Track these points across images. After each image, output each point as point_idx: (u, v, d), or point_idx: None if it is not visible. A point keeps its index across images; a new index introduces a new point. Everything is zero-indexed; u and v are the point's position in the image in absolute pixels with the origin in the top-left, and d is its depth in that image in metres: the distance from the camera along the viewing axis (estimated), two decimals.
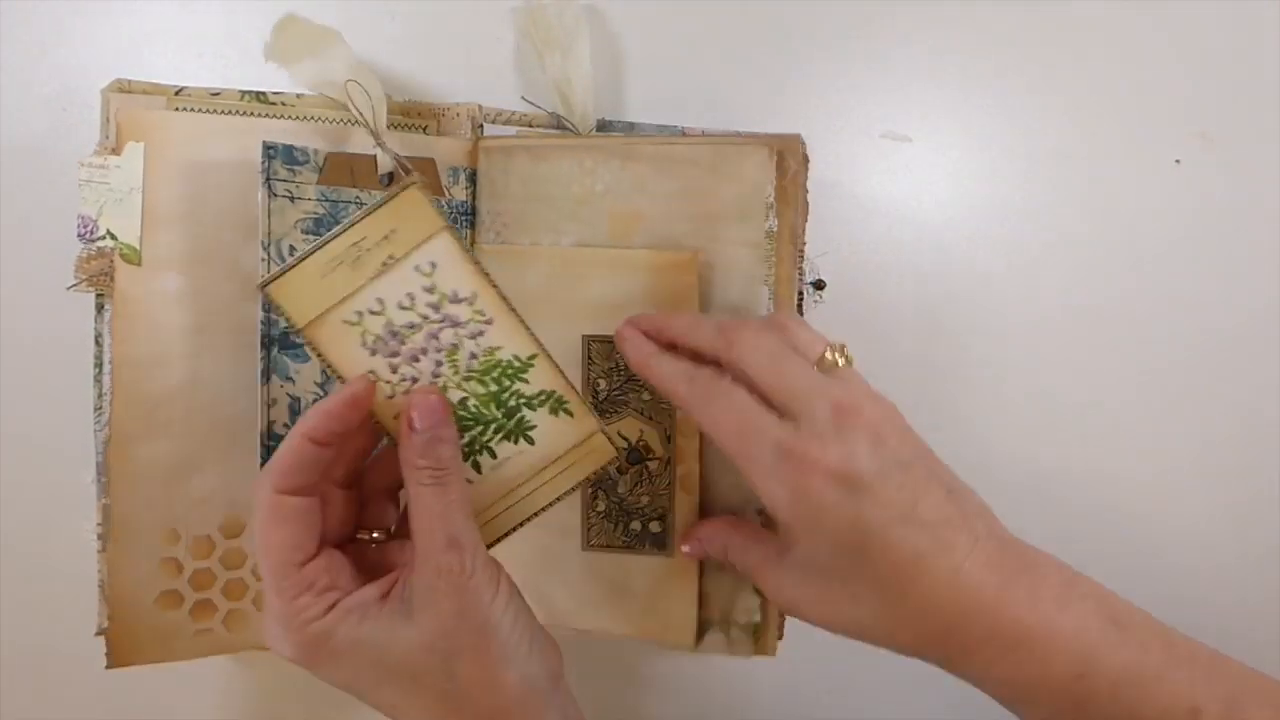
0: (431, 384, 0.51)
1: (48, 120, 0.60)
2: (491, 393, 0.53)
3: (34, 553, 0.62)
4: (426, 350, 0.51)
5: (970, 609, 0.44)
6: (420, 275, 0.50)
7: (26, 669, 0.63)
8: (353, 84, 0.57)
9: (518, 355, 0.53)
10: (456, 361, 0.52)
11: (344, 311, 0.49)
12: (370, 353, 0.50)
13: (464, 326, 0.52)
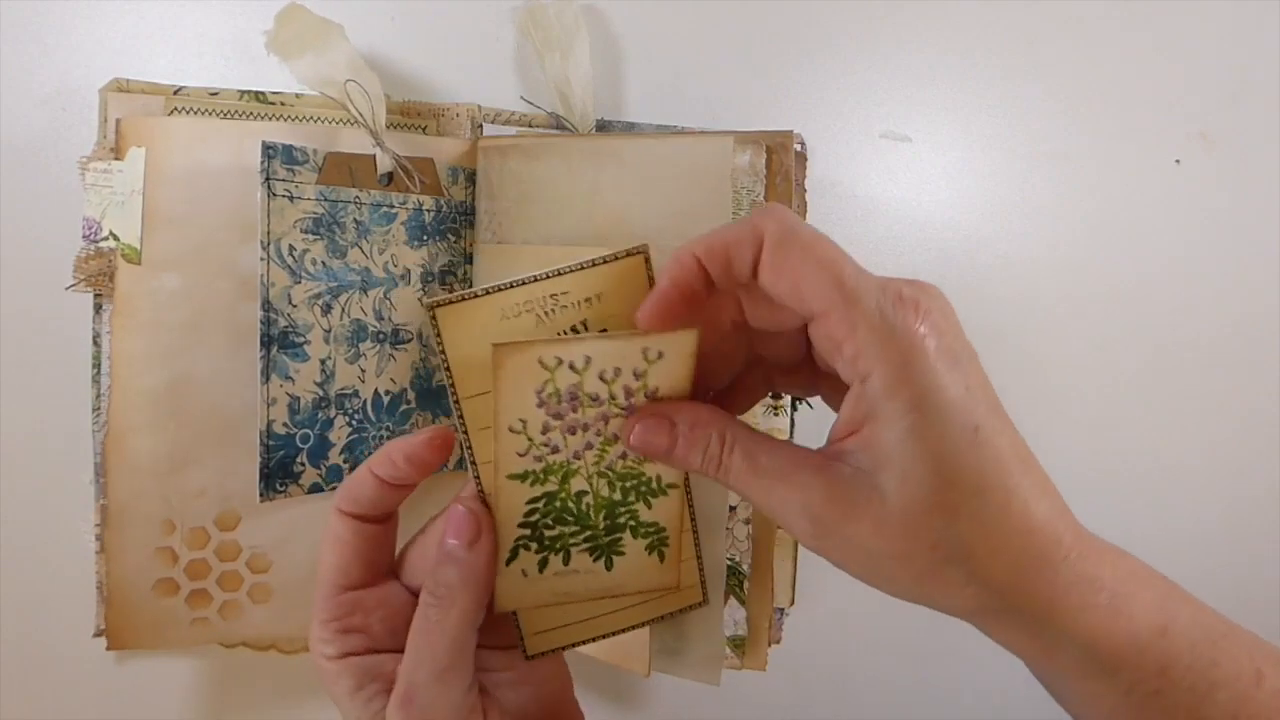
0: (567, 462, 0.44)
1: (46, 119, 0.60)
2: (611, 501, 0.46)
3: (33, 553, 0.62)
4: (589, 429, 0.44)
5: (1063, 535, 0.37)
6: (644, 359, 0.42)
7: (26, 669, 0.63)
8: (352, 84, 0.57)
9: (660, 477, 0.46)
10: (605, 453, 0.44)
11: (547, 352, 0.41)
12: (538, 403, 0.42)
13: None
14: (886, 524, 0.36)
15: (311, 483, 0.57)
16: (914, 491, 0.35)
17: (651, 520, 0.46)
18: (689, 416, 0.42)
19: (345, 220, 0.57)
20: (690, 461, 0.41)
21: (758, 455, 0.40)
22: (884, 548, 0.37)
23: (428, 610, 0.42)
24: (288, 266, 0.55)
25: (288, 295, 0.55)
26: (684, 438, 0.41)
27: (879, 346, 0.36)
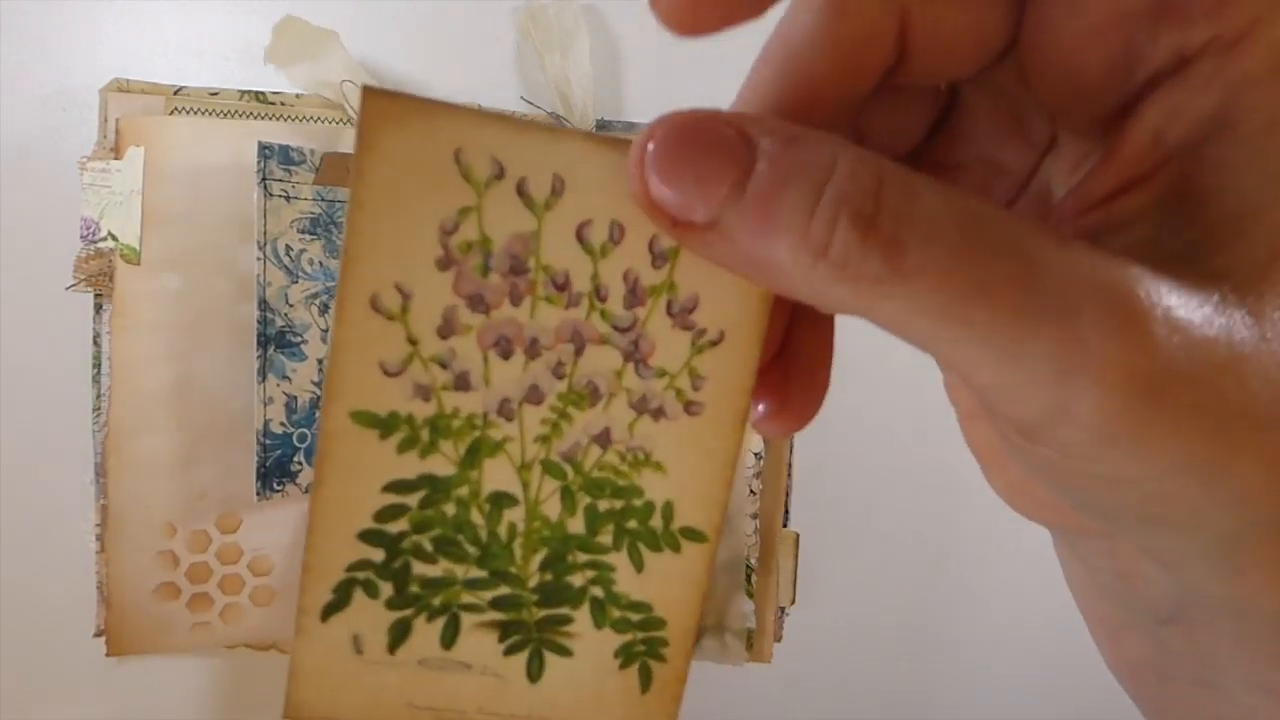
0: (484, 419, 0.23)
1: (46, 120, 0.60)
2: (563, 533, 0.25)
3: (33, 553, 0.62)
4: (540, 349, 0.23)
5: None
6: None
7: (26, 669, 0.63)
8: (348, 84, 0.57)
9: (671, 504, 0.25)
10: (569, 420, 0.24)
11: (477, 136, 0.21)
12: (441, 256, 0.22)
13: (647, 375, 0.24)
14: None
15: (309, 482, 0.57)
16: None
17: (639, 599, 0.26)
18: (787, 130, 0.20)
19: (342, 220, 0.57)
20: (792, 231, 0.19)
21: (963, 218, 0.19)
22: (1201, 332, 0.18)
23: None
24: (284, 266, 0.55)
25: (285, 295, 0.55)
26: (775, 166, 0.19)
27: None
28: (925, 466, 0.58)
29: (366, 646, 0.25)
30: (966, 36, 0.23)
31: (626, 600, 0.25)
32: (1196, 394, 0.18)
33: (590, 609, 0.25)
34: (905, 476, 0.67)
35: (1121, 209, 0.20)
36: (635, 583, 0.25)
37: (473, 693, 0.26)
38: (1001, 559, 0.56)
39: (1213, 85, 0.19)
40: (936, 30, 0.22)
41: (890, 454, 0.66)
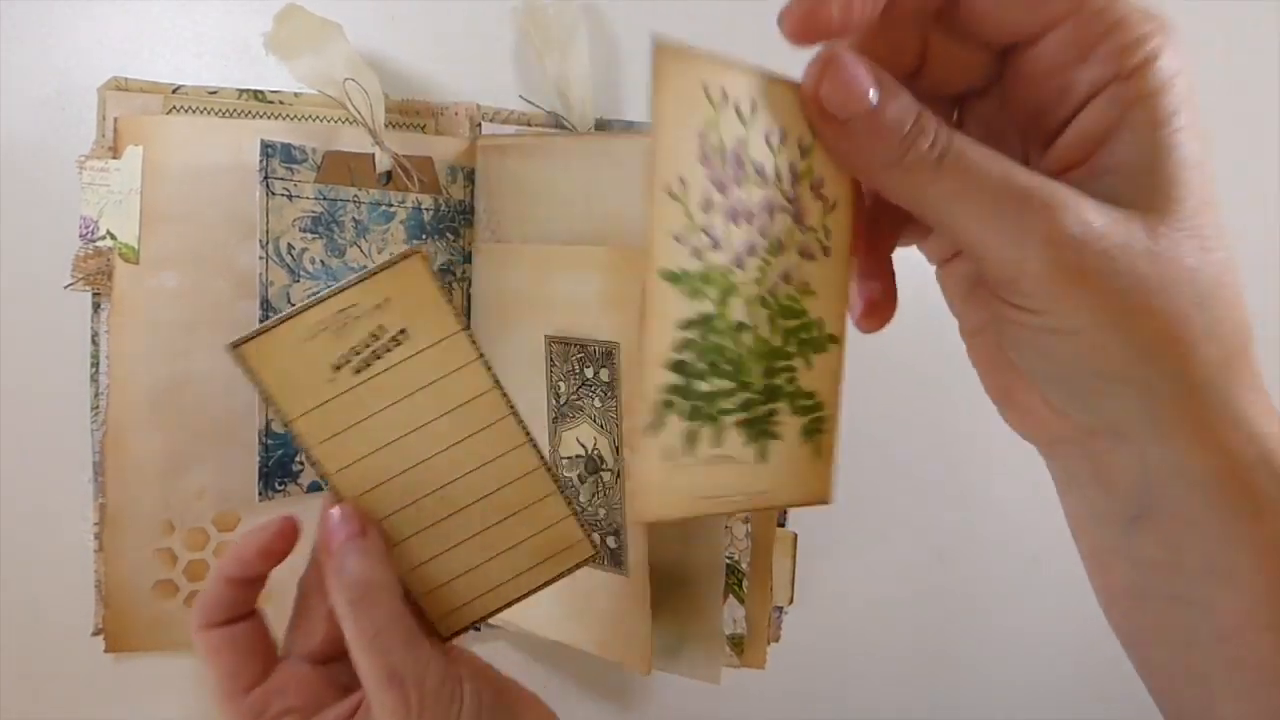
0: (728, 270, 0.33)
1: (45, 119, 0.59)
2: (771, 348, 0.35)
3: (32, 552, 0.62)
4: (754, 220, 0.34)
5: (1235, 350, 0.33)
6: (808, 130, 0.34)
7: (26, 669, 0.63)
8: (351, 83, 0.57)
9: (823, 322, 0.37)
10: (768, 268, 0.34)
11: (712, 77, 0.32)
12: (701, 157, 0.32)
13: (804, 232, 0.35)
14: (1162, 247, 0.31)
15: (310, 481, 0.57)
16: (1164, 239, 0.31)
17: (810, 389, 0.36)
18: (893, 83, 0.32)
19: (344, 219, 0.57)
20: (893, 134, 0.32)
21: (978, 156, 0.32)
22: (1078, 306, 0.31)
23: (357, 604, 0.41)
24: (286, 265, 0.55)
25: (287, 294, 0.55)
26: (888, 100, 0.32)
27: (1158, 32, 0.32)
28: (926, 467, 0.58)
29: (674, 454, 0.33)
30: (963, 65, 0.35)
31: (804, 391, 0.36)
32: (1109, 262, 0.30)
33: (788, 401, 0.35)
34: (906, 477, 0.67)
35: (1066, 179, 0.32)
36: (809, 377, 0.36)
37: (733, 479, 0.34)
38: (1002, 559, 0.57)
39: (1116, 103, 0.31)
40: (944, 56, 0.35)
41: (890, 454, 0.67)
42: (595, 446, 0.56)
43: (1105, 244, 0.30)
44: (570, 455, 0.57)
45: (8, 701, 0.64)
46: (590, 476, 0.57)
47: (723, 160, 0.32)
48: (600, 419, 0.56)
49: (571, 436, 0.57)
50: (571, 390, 0.57)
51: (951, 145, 0.31)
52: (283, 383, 0.41)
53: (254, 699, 0.43)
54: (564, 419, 0.58)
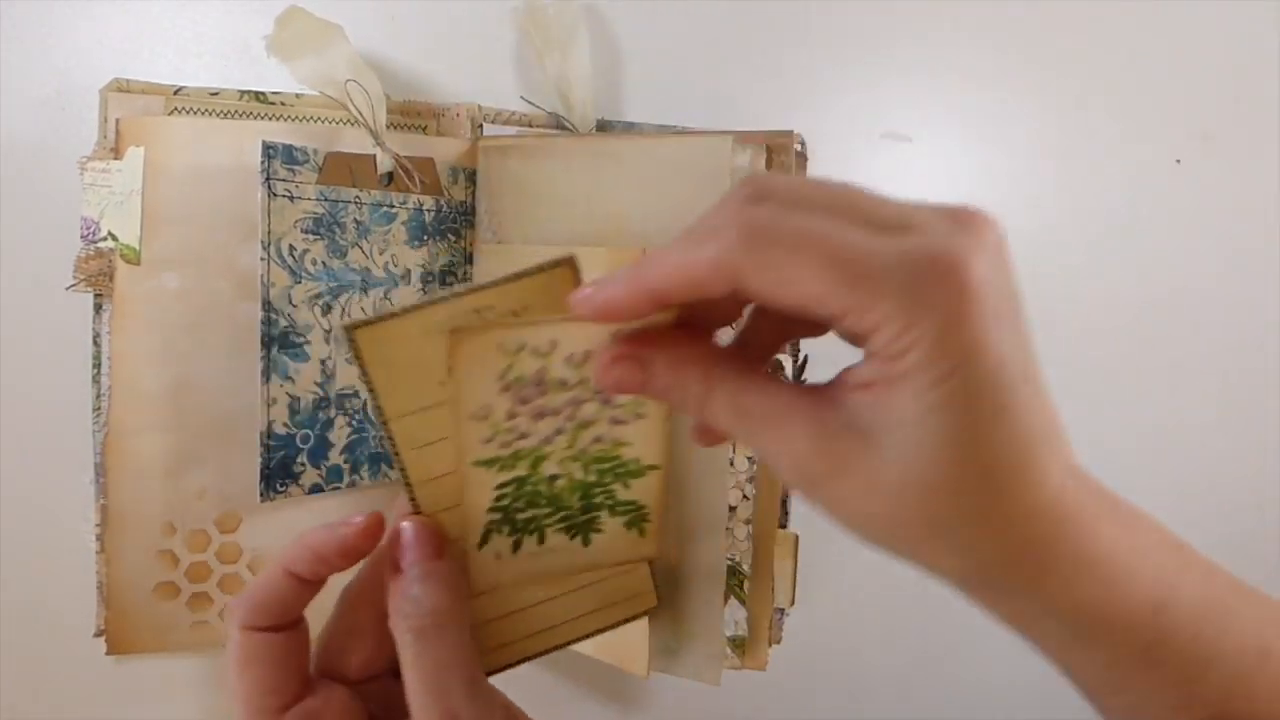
0: (537, 448, 0.41)
1: (46, 120, 0.59)
2: (584, 483, 0.43)
3: (34, 553, 0.62)
4: (559, 414, 0.40)
5: (1068, 515, 0.33)
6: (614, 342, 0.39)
7: (26, 669, 0.63)
8: (352, 84, 0.57)
9: (639, 460, 0.43)
10: (578, 438, 0.41)
11: (508, 336, 0.38)
12: (502, 388, 0.39)
13: (613, 409, 0.41)
14: (879, 489, 0.32)
15: (312, 483, 0.57)
16: (921, 467, 0.31)
17: (629, 499, 0.44)
18: (668, 355, 0.36)
19: (345, 220, 0.57)
20: (669, 399, 0.37)
21: (743, 397, 0.35)
22: (874, 510, 0.33)
23: (423, 633, 0.38)
24: (288, 266, 0.55)
25: (288, 295, 0.55)
26: (661, 377, 0.36)
27: (911, 331, 0.30)
28: None
29: (502, 555, 0.43)
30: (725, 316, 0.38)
31: (623, 502, 0.44)
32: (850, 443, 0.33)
33: (608, 510, 0.44)
34: None
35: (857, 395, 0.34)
36: (627, 494, 0.44)
37: (558, 561, 0.44)
38: None
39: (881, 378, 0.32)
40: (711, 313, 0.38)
41: None
42: None
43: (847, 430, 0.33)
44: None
45: (9, 701, 0.64)
46: None
47: (523, 385, 0.39)
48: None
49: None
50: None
51: (716, 400, 0.35)
52: (390, 377, 0.40)
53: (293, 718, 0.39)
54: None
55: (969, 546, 0.33)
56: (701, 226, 0.34)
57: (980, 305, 0.30)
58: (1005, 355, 0.31)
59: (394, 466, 0.40)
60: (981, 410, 0.31)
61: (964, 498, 0.32)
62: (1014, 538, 0.33)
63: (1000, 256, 0.32)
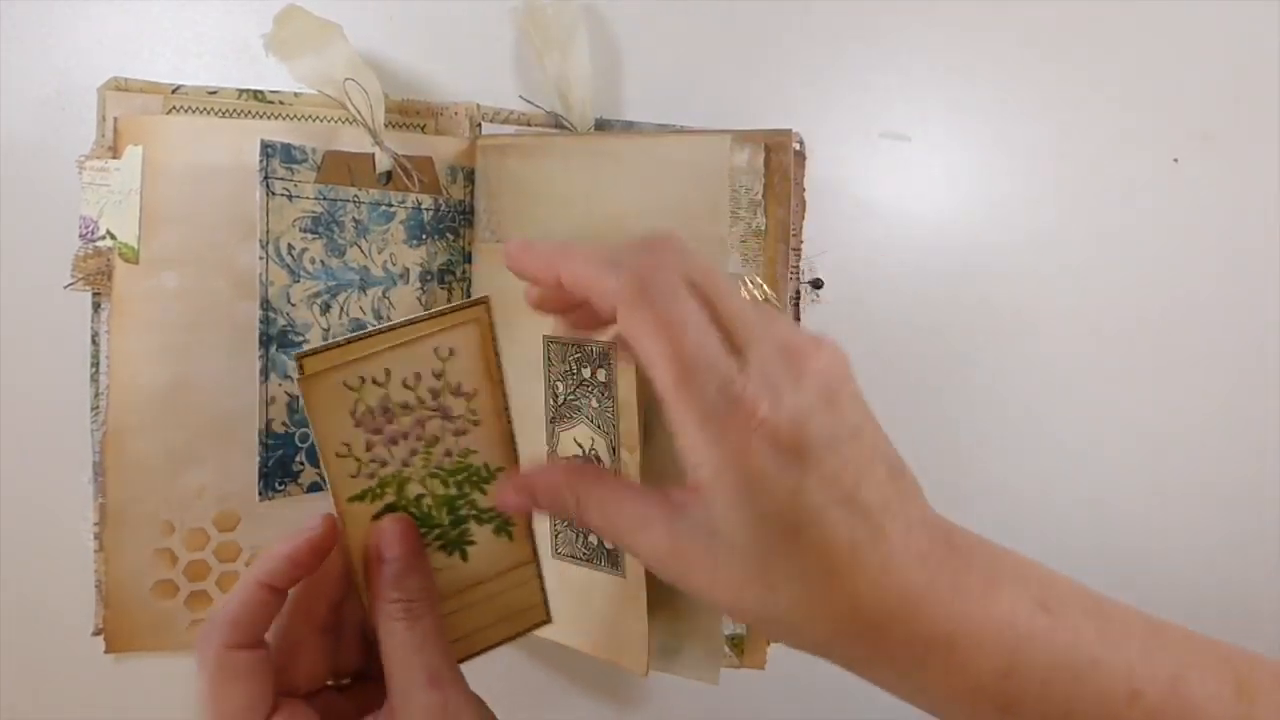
0: (398, 472, 0.46)
1: (45, 119, 0.59)
2: (448, 496, 0.47)
3: (32, 552, 0.62)
4: (409, 436, 0.45)
5: (896, 608, 0.37)
6: (436, 359, 0.45)
7: (26, 669, 0.63)
8: (351, 83, 0.56)
9: (488, 464, 0.47)
10: (430, 455, 0.46)
11: (349, 374, 0.43)
12: (355, 423, 0.44)
13: (453, 421, 0.46)
14: (718, 584, 0.38)
15: (311, 482, 0.57)
16: (739, 565, 0.37)
17: (489, 505, 0.48)
18: (544, 480, 0.44)
19: (344, 219, 0.57)
20: (553, 514, 0.49)
21: (608, 508, 0.41)
22: (718, 598, 0.38)
23: (410, 615, 0.43)
24: (287, 265, 0.55)
25: (287, 294, 0.55)
26: (542, 500, 0.44)
27: (704, 448, 0.36)
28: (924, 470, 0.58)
29: None
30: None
31: (484, 509, 0.48)
32: (694, 545, 0.38)
33: (474, 520, 0.48)
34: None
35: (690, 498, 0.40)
36: (486, 501, 0.48)
37: (445, 581, 0.48)
38: None
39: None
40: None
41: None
42: (592, 447, 0.56)
43: (699, 525, 0.39)
44: (568, 456, 0.57)
45: (8, 701, 0.64)
46: None
47: (373, 415, 0.44)
48: (597, 419, 0.55)
49: (569, 437, 0.57)
50: (569, 390, 0.56)
51: (589, 513, 0.42)
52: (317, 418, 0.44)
53: None
54: (561, 419, 0.57)
55: (801, 633, 0.39)
56: (620, 254, 0.39)
57: (761, 454, 0.35)
58: (795, 487, 0.36)
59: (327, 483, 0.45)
60: (777, 526, 0.36)
61: (783, 594, 0.37)
62: (850, 624, 0.37)
63: (818, 399, 0.37)
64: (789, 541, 0.36)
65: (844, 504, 0.36)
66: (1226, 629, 0.65)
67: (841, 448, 0.37)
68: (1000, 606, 0.38)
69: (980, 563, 0.40)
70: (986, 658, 0.38)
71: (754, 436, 0.35)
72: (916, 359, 0.68)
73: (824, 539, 0.36)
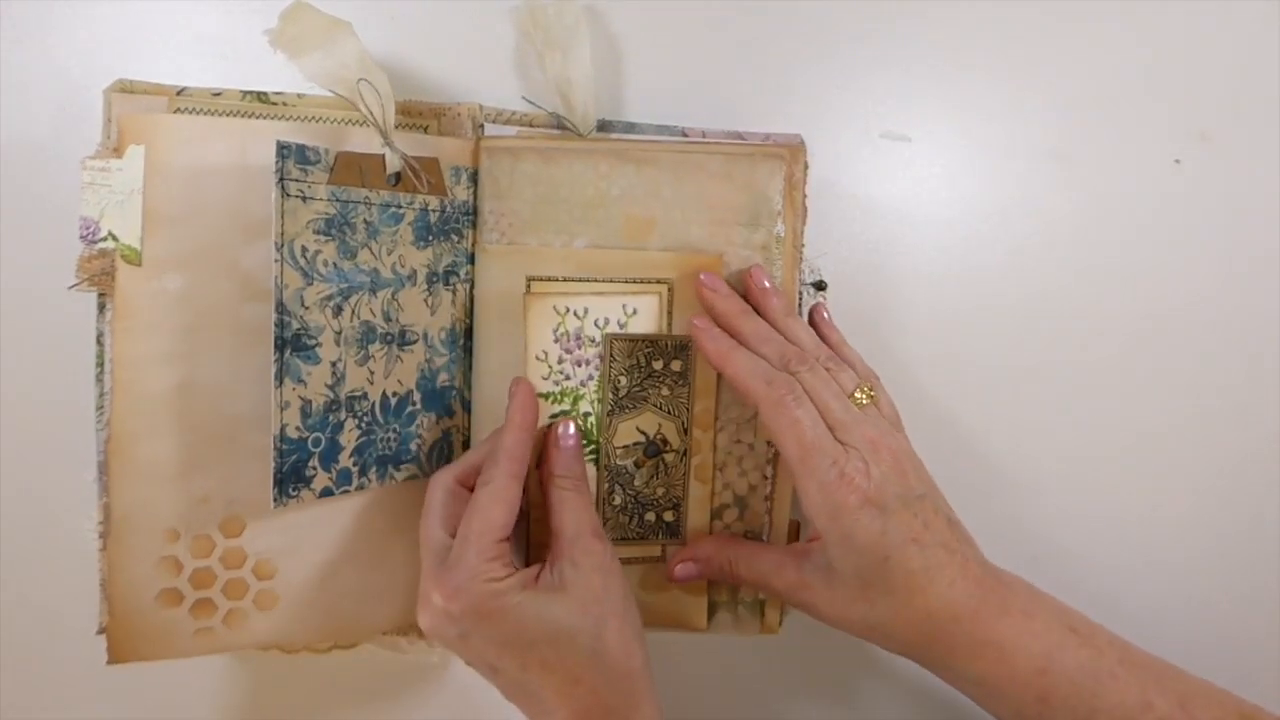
0: (576, 388, 0.63)
1: (49, 120, 0.59)
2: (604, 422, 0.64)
3: (34, 552, 0.61)
4: (590, 363, 0.62)
5: (959, 615, 0.54)
6: (623, 313, 0.62)
7: (26, 669, 0.62)
8: (364, 83, 0.56)
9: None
10: (603, 386, 0.63)
11: (559, 301, 0.61)
12: (554, 339, 0.62)
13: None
14: (834, 604, 0.57)
15: (323, 487, 0.57)
16: (847, 588, 0.55)
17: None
18: (704, 553, 0.64)
19: (355, 221, 0.57)
20: (715, 578, 0.64)
21: (754, 563, 0.61)
22: (833, 613, 0.57)
23: (577, 489, 0.60)
24: (300, 268, 0.54)
25: (300, 297, 0.54)
26: (706, 568, 0.64)
27: (819, 506, 0.54)
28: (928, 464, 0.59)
29: None
30: None
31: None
32: (815, 579, 0.58)
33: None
34: None
35: (814, 545, 0.61)
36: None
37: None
38: (1000, 560, 0.58)
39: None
40: None
41: None
42: (659, 431, 0.64)
43: (819, 569, 0.58)
44: (627, 444, 0.64)
45: (8, 701, 0.63)
46: (650, 460, 0.65)
47: (568, 338, 0.62)
48: (669, 406, 0.64)
49: (630, 425, 0.64)
50: (634, 382, 0.64)
51: (739, 570, 0.63)
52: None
53: (504, 547, 0.55)
54: (622, 410, 0.64)
55: (894, 636, 0.55)
56: (762, 366, 0.58)
57: (854, 508, 0.53)
58: (880, 531, 0.53)
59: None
60: (871, 558, 0.54)
61: (879, 608, 0.54)
62: (926, 629, 0.54)
63: (890, 473, 0.54)
64: (880, 569, 0.53)
65: (915, 542, 0.54)
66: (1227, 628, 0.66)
67: (911, 504, 0.55)
68: (1036, 623, 0.55)
69: (1020, 593, 0.56)
70: (1026, 657, 0.54)
71: (852, 495, 0.53)
72: (916, 359, 0.68)
73: (904, 567, 0.53)
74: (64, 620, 0.61)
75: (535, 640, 0.53)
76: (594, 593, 0.55)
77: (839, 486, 0.53)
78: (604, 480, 0.64)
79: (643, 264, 0.62)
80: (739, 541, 0.64)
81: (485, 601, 0.53)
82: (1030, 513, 0.65)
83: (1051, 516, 0.68)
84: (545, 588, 0.55)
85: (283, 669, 0.67)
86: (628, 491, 0.65)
